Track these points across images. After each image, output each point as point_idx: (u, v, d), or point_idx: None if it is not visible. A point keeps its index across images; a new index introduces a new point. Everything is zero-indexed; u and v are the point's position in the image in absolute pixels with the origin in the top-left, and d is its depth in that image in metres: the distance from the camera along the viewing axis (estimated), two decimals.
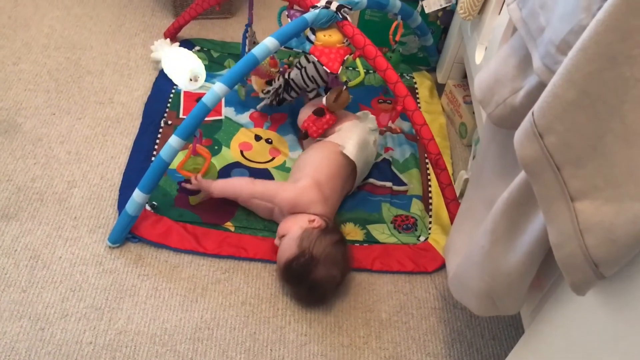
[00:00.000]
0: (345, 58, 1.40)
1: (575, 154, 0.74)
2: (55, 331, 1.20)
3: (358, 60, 1.41)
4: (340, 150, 1.44)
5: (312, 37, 1.40)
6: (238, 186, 1.42)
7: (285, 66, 1.64)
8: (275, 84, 1.60)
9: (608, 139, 0.71)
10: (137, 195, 1.30)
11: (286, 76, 1.58)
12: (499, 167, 1.08)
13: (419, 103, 1.84)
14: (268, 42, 1.30)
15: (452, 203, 1.38)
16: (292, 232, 1.31)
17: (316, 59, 1.40)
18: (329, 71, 1.38)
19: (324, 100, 1.48)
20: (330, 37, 1.40)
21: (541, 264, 0.93)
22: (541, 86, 0.84)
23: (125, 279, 1.31)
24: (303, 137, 1.55)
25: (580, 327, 0.83)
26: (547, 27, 0.83)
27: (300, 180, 1.40)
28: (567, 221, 0.76)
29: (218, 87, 1.28)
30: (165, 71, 1.73)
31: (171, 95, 1.72)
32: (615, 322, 0.77)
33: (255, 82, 1.67)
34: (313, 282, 1.26)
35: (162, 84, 1.74)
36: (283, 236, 1.33)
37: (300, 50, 1.40)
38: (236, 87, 1.60)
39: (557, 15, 0.80)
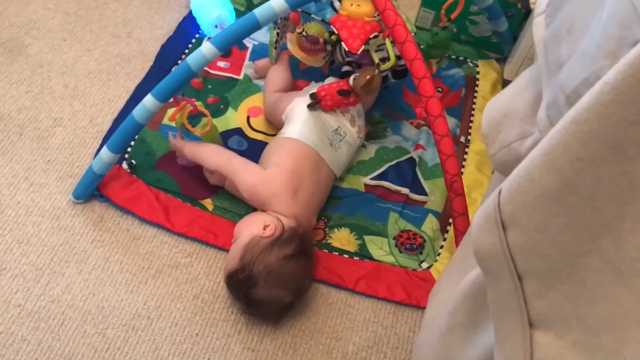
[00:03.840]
0: (371, 36, 1.15)
1: (544, 265, 0.50)
2: None
3: (388, 41, 1.16)
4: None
5: (336, 4, 1.16)
6: (205, 153, 1.21)
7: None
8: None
9: (593, 261, 0.47)
10: (105, 153, 1.16)
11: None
12: None
13: (475, 98, 1.55)
14: (274, 3, 1.08)
15: (462, 237, 1.13)
16: (241, 238, 1.11)
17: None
18: (346, 49, 1.14)
19: (351, 80, 1.24)
20: (358, 8, 1.15)
21: None
22: None
23: (78, 241, 1.18)
24: (313, 104, 1.31)
25: None
26: (566, 63, 0.56)
27: (269, 167, 1.19)
28: (518, 351, 0.53)
29: (206, 48, 1.08)
30: (194, 13, 1.56)
31: (193, 41, 1.53)
32: None
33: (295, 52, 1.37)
34: (251, 302, 1.07)
35: (187, 26, 1.56)
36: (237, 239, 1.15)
37: (320, 19, 1.16)
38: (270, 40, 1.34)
39: (580, 50, 0.53)
